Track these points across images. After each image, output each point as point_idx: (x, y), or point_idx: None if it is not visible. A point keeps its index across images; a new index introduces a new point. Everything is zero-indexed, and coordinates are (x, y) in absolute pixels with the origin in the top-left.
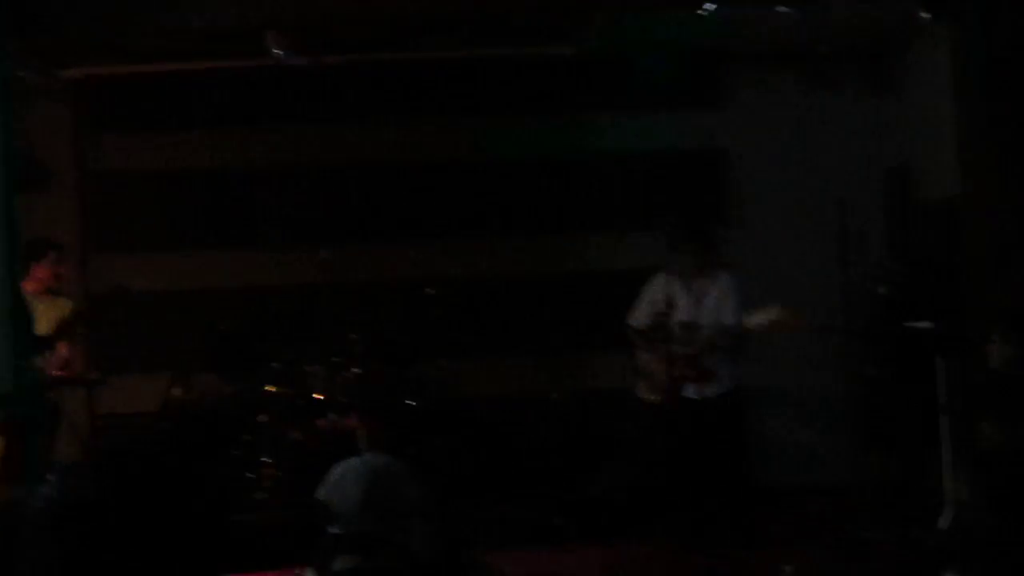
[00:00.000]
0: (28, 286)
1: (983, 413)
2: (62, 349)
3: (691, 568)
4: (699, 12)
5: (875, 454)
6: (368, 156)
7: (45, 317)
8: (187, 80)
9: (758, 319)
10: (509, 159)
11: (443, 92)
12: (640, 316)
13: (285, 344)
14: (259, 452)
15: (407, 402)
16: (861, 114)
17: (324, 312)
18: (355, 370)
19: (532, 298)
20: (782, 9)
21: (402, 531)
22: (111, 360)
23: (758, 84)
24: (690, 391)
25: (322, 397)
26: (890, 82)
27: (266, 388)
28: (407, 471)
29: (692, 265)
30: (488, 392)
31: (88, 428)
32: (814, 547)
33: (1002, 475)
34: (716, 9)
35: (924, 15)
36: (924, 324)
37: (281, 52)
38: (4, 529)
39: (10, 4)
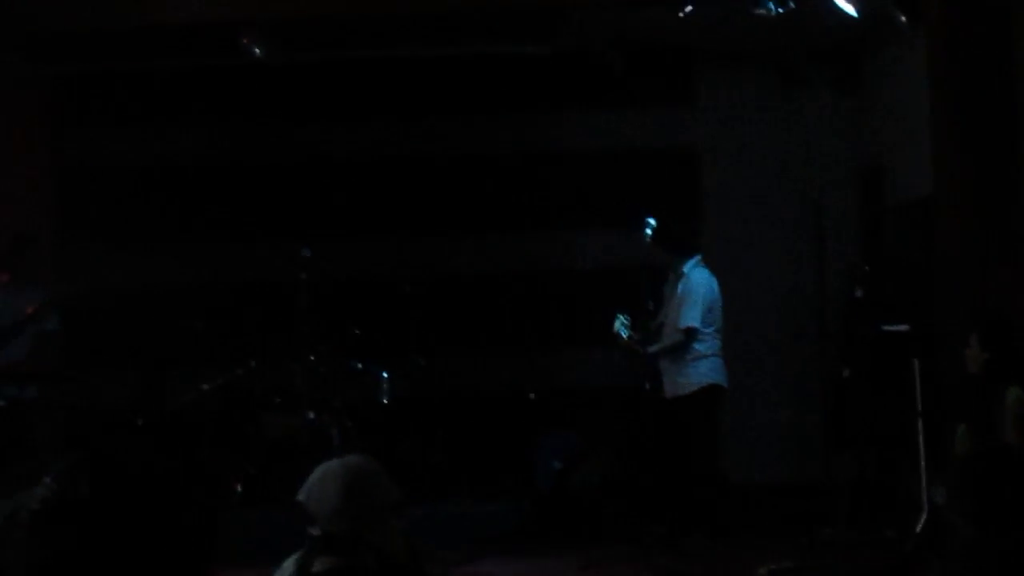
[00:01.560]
0: (2, 278)
1: (958, 417)
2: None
3: (662, 568)
4: (676, 13)
5: (850, 455)
6: (344, 153)
7: (13, 309)
8: (165, 76)
9: None
10: (484, 156)
11: (418, 90)
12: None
13: (262, 341)
14: (235, 449)
15: (383, 400)
16: (835, 114)
17: (302, 309)
18: (332, 367)
19: (508, 295)
20: (758, 10)
21: (379, 532)
22: (85, 354)
23: (731, 83)
24: (665, 389)
25: (299, 394)
26: (864, 82)
27: (243, 385)
28: (383, 471)
29: (668, 265)
30: (465, 389)
31: (63, 424)
32: (788, 547)
33: (977, 480)
34: (691, 9)
35: (899, 17)
36: (899, 327)
37: (258, 50)
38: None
39: None
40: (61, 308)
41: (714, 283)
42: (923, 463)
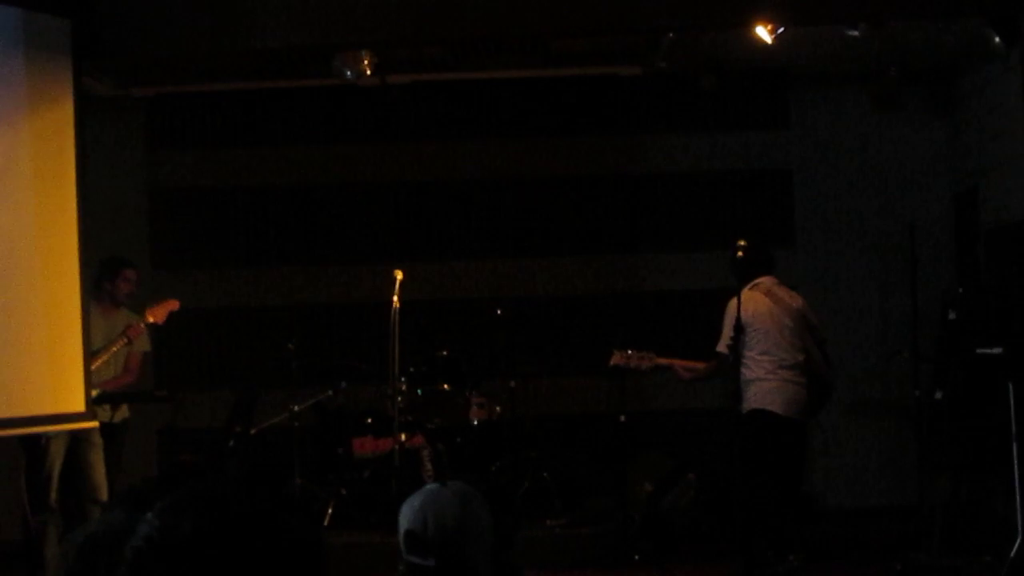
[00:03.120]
0: (100, 302)
1: None
2: (132, 361)
3: None
4: (768, 33)
5: (945, 479)
6: (436, 173)
7: (107, 333)
8: (256, 98)
9: None
10: (575, 177)
11: (513, 111)
12: None
13: (353, 362)
14: (326, 471)
15: (473, 422)
16: (930, 136)
17: (392, 331)
18: (423, 390)
19: (600, 317)
20: (851, 32)
21: (479, 559)
22: (177, 376)
23: (825, 104)
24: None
25: (389, 416)
26: (959, 105)
27: (333, 406)
28: (481, 497)
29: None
30: (555, 411)
31: (158, 447)
32: (882, 572)
33: None
34: (784, 30)
35: (994, 38)
36: (994, 349)
37: (349, 72)
38: (101, 569)
39: (83, 24)
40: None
41: (752, 306)
42: (1018, 487)
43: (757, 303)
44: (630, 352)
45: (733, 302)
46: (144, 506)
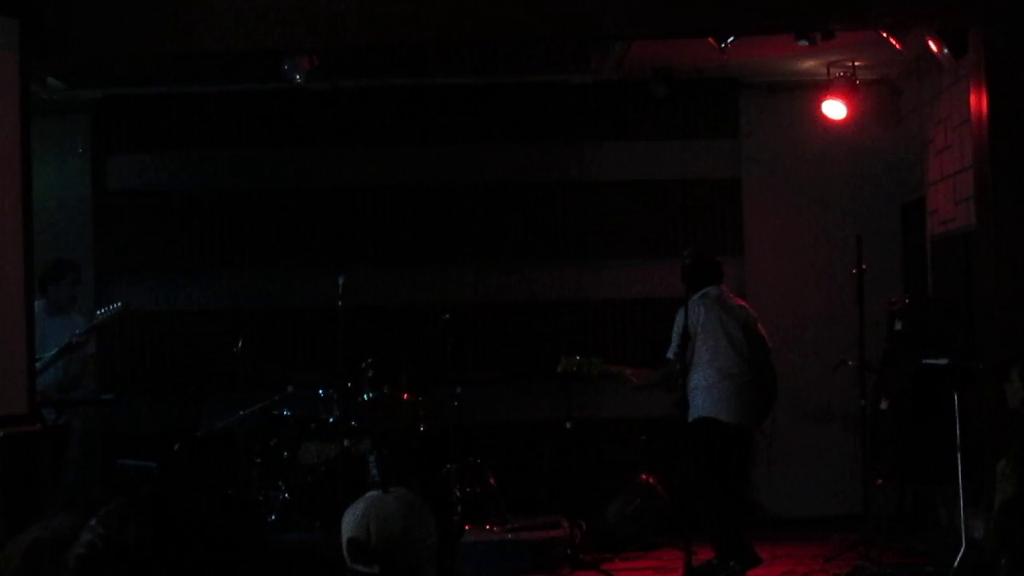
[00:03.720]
0: (45, 305)
1: (998, 452)
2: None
3: None
4: (719, 44)
5: (889, 489)
6: (384, 178)
7: (52, 335)
8: (204, 101)
9: None
10: (524, 184)
11: (462, 117)
12: None
13: (299, 367)
14: (271, 476)
15: (419, 428)
16: (878, 147)
17: (338, 336)
18: (369, 395)
19: (548, 324)
20: (801, 42)
21: (423, 566)
22: (122, 380)
23: (775, 114)
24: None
25: (335, 421)
26: (907, 116)
27: (279, 411)
28: (425, 503)
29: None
30: (501, 417)
31: (102, 450)
32: None
33: (1018, 516)
34: (733, 40)
35: (944, 50)
36: (939, 360)
37: (298, 76)
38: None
39: (31, 24)
40: (99, 333)
41: (700, 314)
42: (962, 497)
43: (705, 311)
44: (578, 359)
45: (681, 310)
46: (88, 512)
